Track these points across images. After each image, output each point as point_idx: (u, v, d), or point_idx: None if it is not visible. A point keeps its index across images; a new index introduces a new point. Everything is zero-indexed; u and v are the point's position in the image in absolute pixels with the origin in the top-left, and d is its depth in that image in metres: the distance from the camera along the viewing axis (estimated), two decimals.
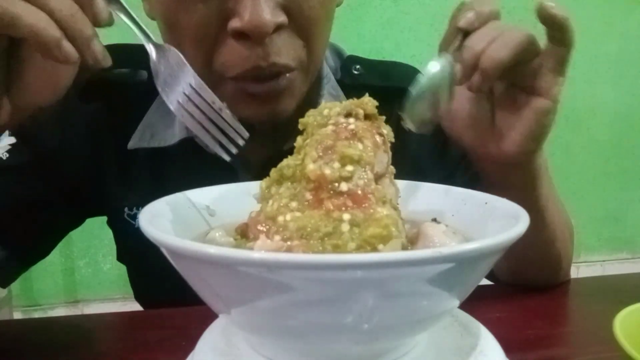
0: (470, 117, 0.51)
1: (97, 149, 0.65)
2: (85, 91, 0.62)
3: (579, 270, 2.14)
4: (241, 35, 0.51)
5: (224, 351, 0.33)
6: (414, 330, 0.29)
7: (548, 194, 0.56)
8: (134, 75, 0.64)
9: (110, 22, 0.41)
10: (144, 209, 0.32)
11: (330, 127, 0.32)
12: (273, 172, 0.32)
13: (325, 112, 0.33)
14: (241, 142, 0.43)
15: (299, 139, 0.33)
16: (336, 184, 0.29)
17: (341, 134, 0.31)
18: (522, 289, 0.58)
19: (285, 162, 0.32)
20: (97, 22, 0.39)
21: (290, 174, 0.31)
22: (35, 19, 0.36)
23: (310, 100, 0.63)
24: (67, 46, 0.37)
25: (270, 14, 0.50)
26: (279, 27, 0.51)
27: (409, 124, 0.44)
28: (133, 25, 0.42)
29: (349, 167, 0.30)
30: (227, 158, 0.43)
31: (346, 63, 0.70)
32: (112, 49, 0.68)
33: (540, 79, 0.47)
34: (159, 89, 0.42)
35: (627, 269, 1.90)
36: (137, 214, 0.65)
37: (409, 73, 0.75)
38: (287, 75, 0.55)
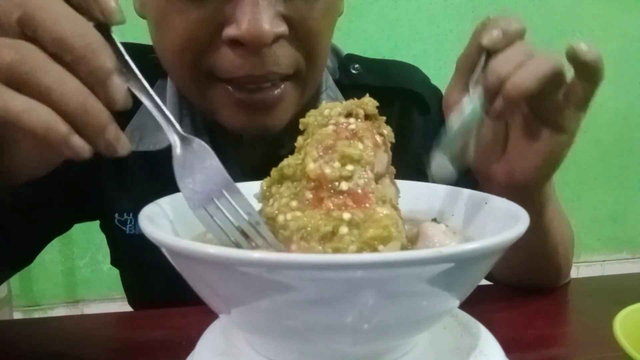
0: (482, 140, 0.48)
1: (94, 155, 0.63)
2: None
3: (579, 270, 2.14)
4: (237, 43, 0.48)
5: (224, 351, 0.33)
6: (414, 330, 0.29)
7: (552, 215, 0.54)
8: None
9: (128, 105, 0.33)
10: (143, 209, 0.32)
11: (330, 127, 0.32)
12: (274, 172, 0.32)
13: (326, 112, 0.33)
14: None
15: (300, 138, 0.33)
16: (336, 183, 0.29)
17: (342, 134, 0.31)
18: (522, 289, 0.58)
19: (286, 161, 0.32)
20: (112, 106, 0.32)
21: (291, 174, 0.31)
22: (37, 117, 0.30)
23: (308, 107, 0.62)
24: (77, 142, 0.31)
25: (269, 24, 0.47)
26: (278, 37, 0.49)
27: (436, 170, 0.39)
28: (154, 109, 0.35)
29: (349, 167, 0.30)
30: None
31: (344, 62, 0.68)
32: None
33: (562, 113, 0.45)
34: (182, 191, 0.34)
35: (627, 269, 1.90)
36: (127, 220, 0.63)
37: (409, 72, 0.74)
38: (282, 86, 0.53)
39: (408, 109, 0.69)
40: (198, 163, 0.34)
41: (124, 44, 0.36)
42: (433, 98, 0.70)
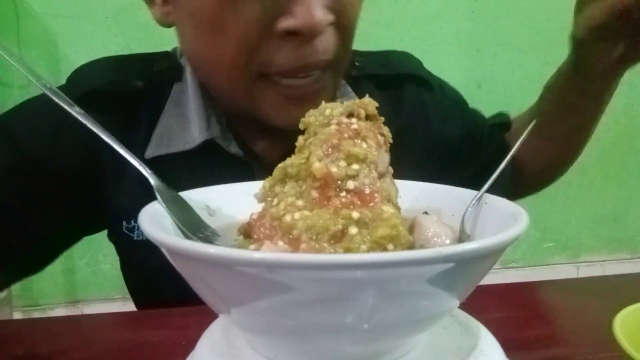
0: None
1: (94, 162, 0.62)
2: (79, 101, 0.61)
3: (579, 270, 2.14)
4: (292, 34, 0.50)
5: (224, 351, 0.33)
6: (414, 330, 0.29)
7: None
8: (128, 84, 0.62)
9: None
10: (143, 209, 0.32)
11: (333, 127, 0.32)
12: (276, 171, 0.32)
13: (327, 112, 0.33)
14: None
15: (300, 138, 0.33)
16: (343, 182, 0.29)
17: (345, 134, 0.31)
18: (522, 289, 0.58)
19: (289, 161, 0.32)
20: None
21: (295, 173, 0.31)
22: None
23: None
24: None
25: (322, 13, 0.50)
26: (329, 24, 0.52)
27: None
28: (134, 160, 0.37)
29: (355, 166, 0.30)
30: None
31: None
32: (105, 61, 0.68)
33: None
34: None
35: (627, 269, 1.90)
36: (135, 227, 0.63)
37: (405, 58, 0.78)
38: (323, 76, 0.55)
39: (417, 90, 0.73)
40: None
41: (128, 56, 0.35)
42: (431, 77, 0.76)
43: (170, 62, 0.63)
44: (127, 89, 0.62)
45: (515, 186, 0.75)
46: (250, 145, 0.65)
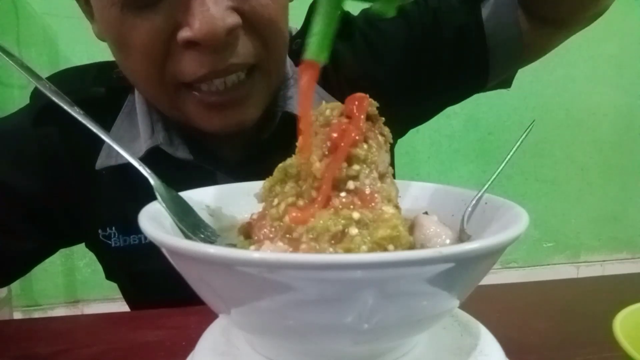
0: None
1: (56, 175, 0.62)
2: (39, 115, 0.60)
3: (579, 270, 2.14)
4: (193, 43, 0.50)
5: (224, 351, 0.33)
6: (414, 330, 0.29)
7: None
8: (87, 92, 0.62)
9: None
10: (143, 209, 0.32)
11: None
12: (277, 172, 0.32)
13: (327, 112, 0.33)
14: None
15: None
16: (343, 183, 0.29)
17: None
18: (522, 289, 0.58)
19: (289, 161, 0.32)
20: None
21: (295, 173, 0.31)
22: None
23: (278, 94, 0.62)
24: None
25: (221, 20, 0.48)
26: (232, 30, 0.50)
27: None
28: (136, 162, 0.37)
29: (356, 166, 0.30)
30: None
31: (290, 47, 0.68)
32: (64, 72, 0.68)
33: None
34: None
35: (627, 269, 1.90)
36: (111, 234, 0.63)
37: None
38: (249, 81, 0.54)
39: (335, 50, 0.69)
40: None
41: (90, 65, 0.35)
42: (353, 21, 0.69)
43: None
44: (87, 97, 0.60)
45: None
46: (206, 147, 0.63)
